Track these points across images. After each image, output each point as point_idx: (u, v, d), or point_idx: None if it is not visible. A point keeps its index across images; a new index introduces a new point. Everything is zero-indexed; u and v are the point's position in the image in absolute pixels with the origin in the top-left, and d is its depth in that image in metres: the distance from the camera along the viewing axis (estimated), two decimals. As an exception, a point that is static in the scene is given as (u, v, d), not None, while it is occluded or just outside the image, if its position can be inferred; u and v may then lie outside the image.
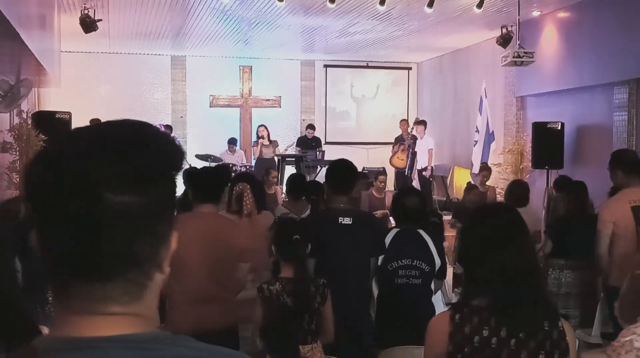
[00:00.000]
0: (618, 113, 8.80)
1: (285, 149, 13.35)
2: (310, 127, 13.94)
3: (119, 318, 0.86)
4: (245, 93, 14.92)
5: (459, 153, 13.43)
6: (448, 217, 8.37)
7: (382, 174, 8.73)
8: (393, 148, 13.17)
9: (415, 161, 12.81)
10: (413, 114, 14.75)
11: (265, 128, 13.08)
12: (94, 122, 1.48)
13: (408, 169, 12.78)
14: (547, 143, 9.55)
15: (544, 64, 10.10)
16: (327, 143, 14.45)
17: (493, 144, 11.20)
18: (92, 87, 13.71)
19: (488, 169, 9.78)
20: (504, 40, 10.25)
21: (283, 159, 12.60)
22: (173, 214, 0.92)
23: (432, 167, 12.67)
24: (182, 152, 0.93)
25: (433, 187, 12.97)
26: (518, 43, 9.70)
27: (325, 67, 15.37)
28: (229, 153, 12.85)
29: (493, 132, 11.19)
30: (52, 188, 0.83)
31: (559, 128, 9.61)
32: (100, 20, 9.52)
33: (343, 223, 3.85)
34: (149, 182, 0.85)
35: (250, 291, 4.23)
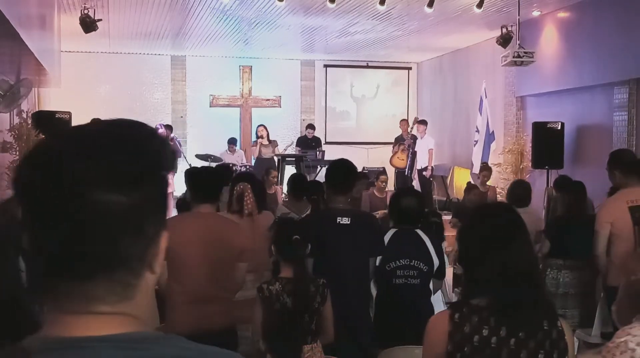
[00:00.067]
0: (618, 113, 8.80)
1: (285, 149, 13.34)
2: (310, 127, 13.92)
3: (109, 318, 0.86)
4: (245, 93, 14.92)
5: (459, 153, 13.43)
6: (448, 217, 8.36)
7: (383, 174, 8.76)
8: (393, 148, 13.17)
9: (415, 161, 12.81)
10: (413, 114, 14.74)
11: (265, 128, 13.08)
12: None
13: (408, 169, 12.77)
14: (547, 143, 9.55)
15: (544, 64, 10.10)
16: (327, 143, 14.44)
17: (493, 144, 11.20)
18: (92, 87, 13.71)
19: (488, 169, 9.78)
20: (504, 40, 10.25)
21: (283, 159, 12.59)
22: (162, 214, 0.91)
23: (432, 167, 12.68)
24: (172, 152, 0.92)
25: (433, 187, 12.96)
26: (518, 43, 9.70)
27: (325, 67, 15.36)
28: (229, 153, 12.84)
29: (493, 132, 11.19)
30: (39, 187, 0.83)
31: (559, 128, 9.60)
32: (100, 20, 9.52)
33: (341, 223, 3.84)
34: (135, 181, 0.85)
35: (250, 291, 4.22)
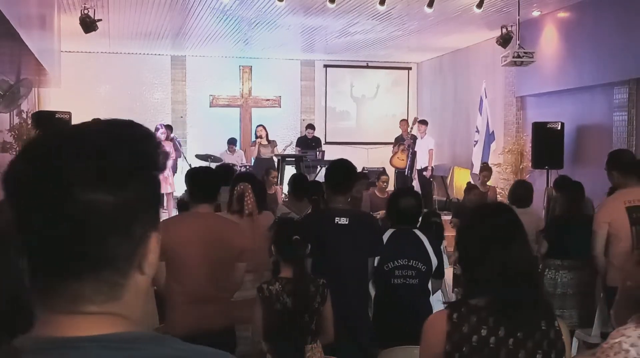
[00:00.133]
0: (618, 113, 8.80)
1: (284, 149, 13.33)
2: (310, 127, 13.92)
3: (98, 318, 0.85)
4: (245, 93, 14.92)
5: (459, 153, 13.43)
6: (448, 217, 8.37)
7: (384, 175, 8.78)
8: (393, 148, 13.17)
9: (415, 161, 12.81)
10: (413, 114, 14.73)
11: (264, 128, 13.06)
12: None
13: (408, 170, 12.78)
14: (547, 143, 9.55)
15: (544, 64, 10.10)
16: (327, 143, 14.44)
17: (493, 144, 11.20)
18: (92, 87, 13.71)
19: (488, 170, 9.78)
20: (504, 41, 10.25)
21: (283, 159, 12.58)
22: (152, 215, 0.90)
23: (432, 167, 12.68)
24: (165, 153, 0.91)
25: (433, 187, 12.97)
26: (518, 43, 9.70)
27: (325, 67, 15.36)
28: (229, 153, 12.85)
29: (493, 132, 11.19)
30: (27, 183, 0.83)
31: (559, 128, 9.60)
32: (100, 20, 9.52)
33: (340, 223, 3.83)
34: (122, 181, 0.84)
35: (249, 291, 4.22)
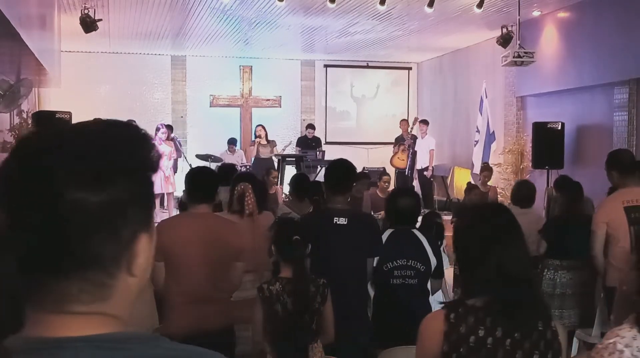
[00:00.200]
0: (618, 113, 8.80)
1: (283, 149, 13.30)
2: (311, 127, 13.92)
3: (89, 318, 0.85)
4: (246, 93, 14.92)
5: (459, 153, 13.43)
6: (448, 217, 8.36)
7: (385, 175, 8.79)
8: (393, 149, 13.17)
9: (415, 161, 12.81)
10: (413, 114, 14.74)
11: (263, 128, 13.05)
12: None
13: (408, 170, 12.78)
14: (547, 143, 9.54)
15: (544, 64, 10.10)
16: (327, 143, 14.43)
17: (493, 145, 11.20)
18: (92, 87, 13.70)
19: (489, 170, 9.79)
20: (504, 41, 10.25)
21: (283, 159, 12.58)
22: (141, 216, 0.88)
23: (432, 167, 12.68)
24: (155, 153, 0.90)
25: (433, 187, 12.97)
26: (518, 43, 9.70)
27: (326, 67, 15.36)
28: (229, 153, 12.85)
29: (494, 132, 11.19)
30: (16, 183, 0.83)
31: (559, 128, 9.60)
32: (101, 20, 9.52)
33: (338, 223, 3.83)
34: (107, 180, 0.83)
35: (249, 291, 4.22)
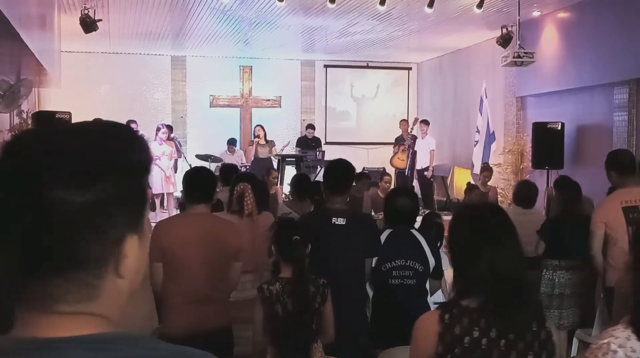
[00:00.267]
0: (618, 113, 8.80)
1: (282, 149, 13.29)
2: (310, 127, 13.92)
3: (78, 318, 0.85)
4: (246, 93, 14.92)
5: (459, 153, 13.43)
6: (448, 217, 8.35)
7: (386, 175, 8.80)
8: (394, 149, 13.18)
9: (415, 161, 12.81)
10: (413, 115, 14.75)
11: (262, 128, 13.02)
12: None
13: (408, 170, 12.78)
14: (547, 143, 9.54)
15: (544, 64, 10.10)
16: (327, 143, 14.44)
17: (493, 145, 11.20)
18: (92, 87, 13.71)
19: (489, 170, 9.79)
20: (504, 41, 10.25)
21: (283, 160, 12.58)
22: (129, 217, 0.88)
23: (432, 168, 12.68)
24: (146, 155, 0.90)
25: (433, 187, 12.97)
26: (518, 43, 9.71)
27: (326, 67, 15.36)
28: (229, 153, 12.85)
29: (494, 132, 11.19)
30: (3, 182, 0.83)
31: (559, 128, 9.60)
32: (101, 20, 9.52)
33: (336, 224, 3.82)
34: (92, 180, 0.83)
35: (248, 291, 4.22)
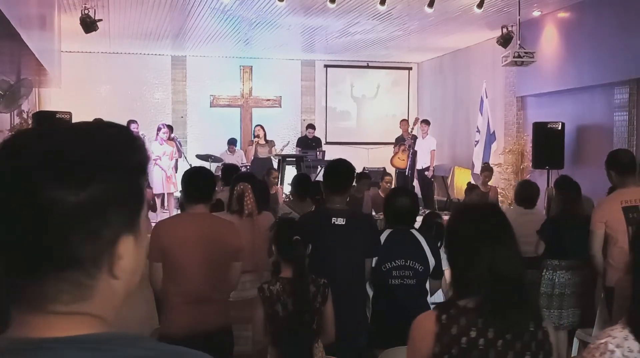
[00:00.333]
0: (618, 113, 8.80)
1: (281, 149, 13.28)
2: (311, 127, 13.92)
3: (73, 318, 0.84)
4: (246, 93, 14.92)
5: (459, 153, 13.43)
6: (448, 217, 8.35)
7: (387, 175, 8.81)
8: (394, 149, 13.18)
9: (416, 161, 12.81)
10: (413, 114, 14.74)
11: (262, 128, 13.01)
12: None
13: (409, 170, 12.78)
14: (547, 143, 9.54)
15: (544, 64, 10.10)
16: (327, 143, 14.44)
17: (494, 145, 11.20)
18: (92, 87, 13.71)
19: (490, 170, 9.79)
20: (505, 41, 10.25)
21: (283, 160, 12.57)
22: (123, 217, 0.87)
23: (433, 168, 12.68)
24: (142, 155, 0.90)
25: (434, 187, 12.97)
26: (518, 43, 9.71)
27: (326, 67, 15.36)
28: (229, 153, 12.85)
29: (494, 132, 11.19)
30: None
31: (560, 128, 9.59)
32: (101, 20, 9.52)
33: (336, 224, 3.82)
34: (86, 180, 0.82)
35: (247, 291, 4.22)
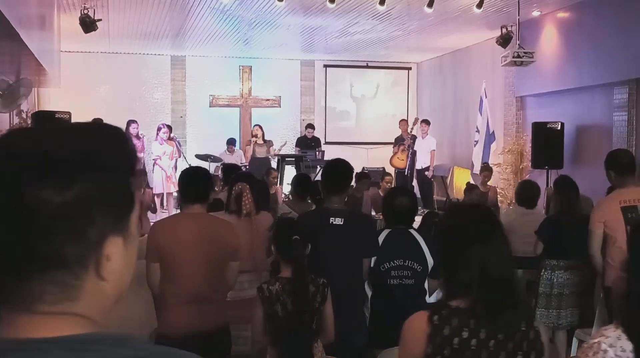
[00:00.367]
0: (618, 113, 8.80)
1: (279, 149, 13.27)
2: (310, 127, 13.92)
3: (60, 318, 0.84)
4: (245, 93, 14.92)
5: (459, 153, 13.44)
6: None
7: (388, 175, 8.81)
8: (393, 149, 13.18)
9: (415, 161, 12.81)
10: (413, 114, 14.74)
11: (260, 128, 12.99)
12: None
13: (408, 170, 12.78)
14: (547, 143, 9.53)
15: (544, 64, 10.10)
16: (326, 143, 14.44)
17: (493, 145, 11.20)
18: (92, 87, 13.70)
19: (489, 170, 9.79)
20: (504, 41, 10.25)
21: (283, 159, 12.56)
22: (111, 218, 0.87)
23: (432, 168, 12.68)
24: (128, 155, 0.89)
25: (433, 187, 12.97)
26: (518, 43, 9.71)
27: (325, 67, 15.36)
28: (228, 153, 12.85)
29: (493, 132, 11.20)
30: None
31: (559, 128, 9.59)
32: (100, 20, 9.52)
33: (334, 223, 3.81)
34: (71, 180, 0.82)
35: (246, 291, 4.22)
